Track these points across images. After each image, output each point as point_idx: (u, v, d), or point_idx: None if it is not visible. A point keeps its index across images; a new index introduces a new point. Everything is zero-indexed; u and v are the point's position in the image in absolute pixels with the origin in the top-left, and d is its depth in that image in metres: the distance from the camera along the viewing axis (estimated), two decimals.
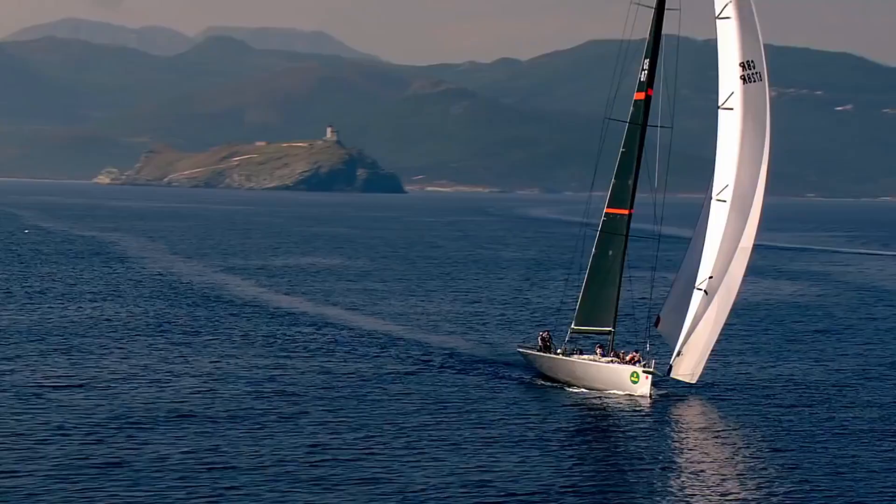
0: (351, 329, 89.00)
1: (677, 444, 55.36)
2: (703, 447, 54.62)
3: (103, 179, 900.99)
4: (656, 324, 71.78)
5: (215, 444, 50.33)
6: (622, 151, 71.98)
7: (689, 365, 67.36)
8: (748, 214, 67.24)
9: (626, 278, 71.47)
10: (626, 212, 71.17)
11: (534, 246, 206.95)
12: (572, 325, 72.27)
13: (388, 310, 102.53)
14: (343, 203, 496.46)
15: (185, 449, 49.10)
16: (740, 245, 67.28)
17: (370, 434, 53.28)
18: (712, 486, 47.37)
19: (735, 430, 58.56)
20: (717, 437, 56.86)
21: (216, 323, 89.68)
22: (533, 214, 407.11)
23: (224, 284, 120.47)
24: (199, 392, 61.77)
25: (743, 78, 66.39)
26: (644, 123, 70.76)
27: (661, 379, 67.62)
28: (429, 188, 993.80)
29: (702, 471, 49.96)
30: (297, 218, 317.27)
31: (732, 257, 67.21)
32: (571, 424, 58.40)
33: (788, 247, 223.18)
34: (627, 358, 68.81)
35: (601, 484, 47.16)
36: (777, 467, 50.93)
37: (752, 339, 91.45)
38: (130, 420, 54.19)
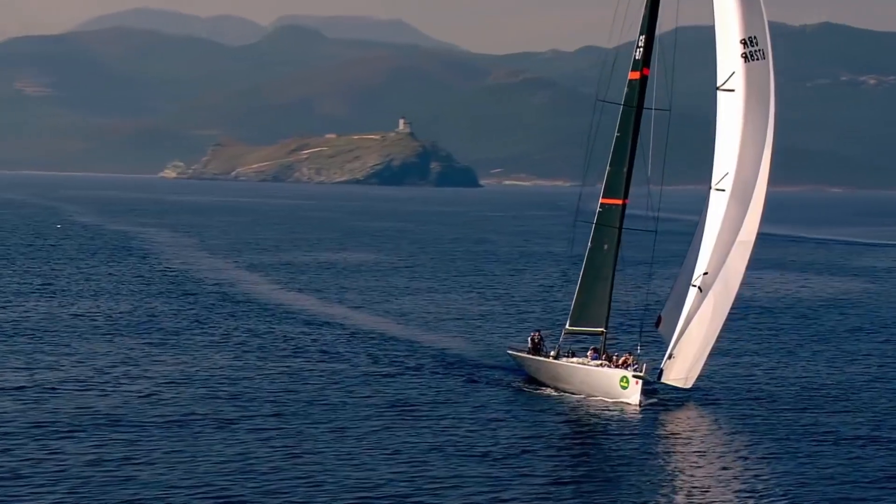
0: (343, 328, 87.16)
1: (663, 461, 52.15)
2: (693, 463, 51.51)
3: (169, 174, 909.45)
4: (657, 324, 68.91)
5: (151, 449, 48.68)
6: (616, 136, 69.43)
7: (682, 369, 64.31)
8: (749, 205, 64.07)
9: (622, 274, 68.76)
10: (619, 202, 68.43)
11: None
12: (566, 326, 69.65)
13: (393, 307, 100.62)
14: (411, 198, 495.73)
15: (117, 455, 47.59)
16: (739, 238, 64.11)
17: (336, 441, 51.84)
18: None
19: (730, 443, 55.43)
20: (708, 451, 53.60)
21: (200, 321, 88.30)
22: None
23: (235, 281, 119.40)
24: (148, 395, 60.07)
25: (745, 56, 63.23)
26: (639, 106, 68.01)
27: (656, 384, 64.69)
28: (506, 182, 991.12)
29: (689, 492, 46.92)
30: (356, 213, 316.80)
31: (731, 251, 64.09)
32: (546, 435, 55.42)
33: (867, 242, 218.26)
34: (620, 361, 65.99)
35: None
36: (777, 488, 47.71)
37: (765, 340, 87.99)
38: (52, 426, 52.55)
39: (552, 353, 68.34)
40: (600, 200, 69.38)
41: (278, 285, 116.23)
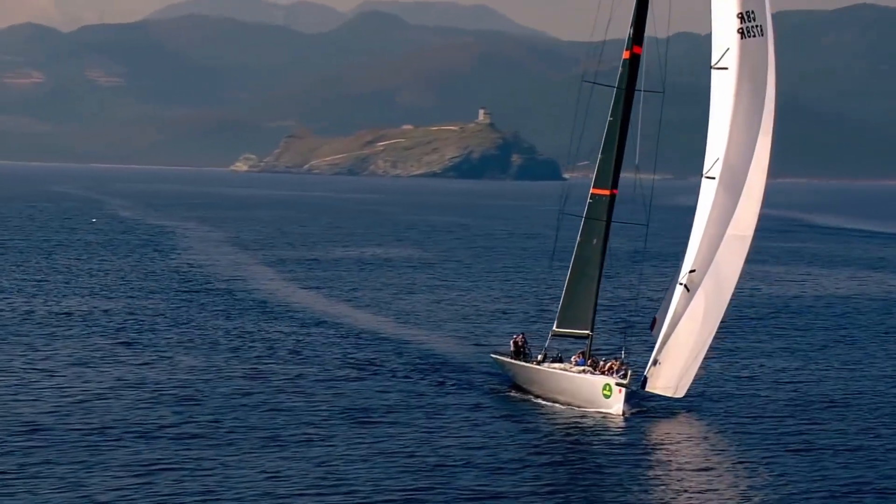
0: (335, 327, 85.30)
1: (644, 479, 48.93)
2: (676, 481, 48.49)
3: (241, 167, 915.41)
4: (652, 326, 65.86)
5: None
6: (609, 121, 66.76)
7: (669, 376, 61.09)
8: (742, 195, 60.76)
9: (613, 272, 65.89)
10: (607, 192, 65.54)
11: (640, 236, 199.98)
12: (553, 328, 66.78)
13: (401, 306, 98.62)
14: (486, 192, 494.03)
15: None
16: (732, 232, 60.80)
17: (299, 448, 50.41)
18: None
19: (718, 459, 52.34)
20: (693, 469, 50.53)
21: (179, 320, 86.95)
22: (676, 202, 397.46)
23: (245, 277, 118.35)
24: (83, 400, 58.39)
25: (741, 32, 60.03)
26: (630, 87, 65.16)
27: (647, 394, 61.61)
28: (592, 175, 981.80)
29: None
30: (418, 206, 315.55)
31: (722, 246, 60.79)
32: (518, 450, 52.39)
33: None
34: (605, 367, 62.97)
35: None
36: None
37: (782, 343, 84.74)
38: None
39: (539, 357, 65.51)
40: (591, 190, 66.64)
41: (288, 282, 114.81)
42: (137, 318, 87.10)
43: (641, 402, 61.61)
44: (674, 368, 61.06)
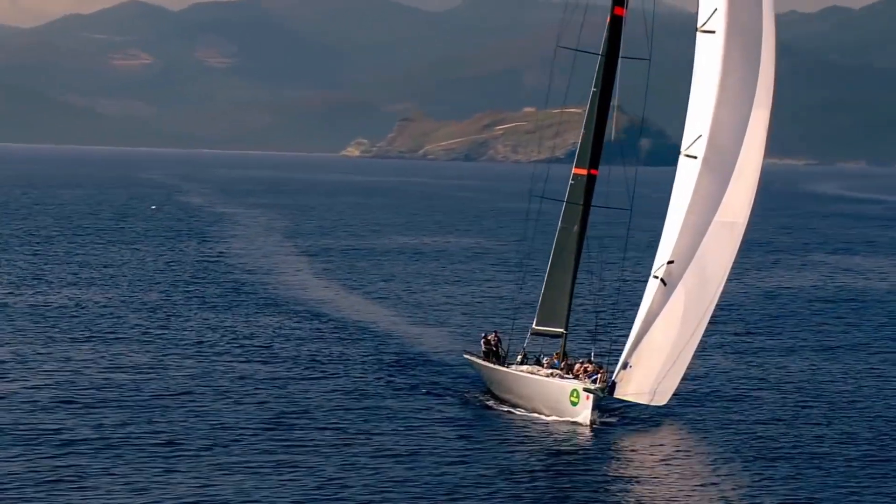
0: (324, 320, 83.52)
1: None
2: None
3: (352, 152, 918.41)
4: None
5: None
6: (592, 91, 63.17)
7: (643, 381, 57.09)
8: (732, 177, 56.60)
9: (591, 263, 62.28)
10: (585, 172, 61.80)
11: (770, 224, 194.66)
12: (533, 325, 63.18)
13: (412, 297, 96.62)
14: (610, 179, 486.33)
15: None
16: (718, 219, 56.72)
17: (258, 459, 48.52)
18: None
19: (699, 476, 48.86)
20: (670, 490, 47.01)
21: (179, 313, 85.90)
22: (817, 190, 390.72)
23: (269, 268, 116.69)
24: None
25: None
26: (611, 54, 61.44)
27: (630, 402, 57.85)
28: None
29: None
30: (509, 194, 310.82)
31: (706, 235, 56.68)
32: (474, 465, 49.13)
33: None
34: (579, 369, 59.12)
35: None
36: None
37: (766, 342, 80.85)
38: None
39: (518, 358, 61.82)
40: (573, 170, 62.95)
41: (310, 274, 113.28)
42: (113, 310, 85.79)
43: (627, 409, 57.98)
44: (648, 373, 57.10)
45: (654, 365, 57.02)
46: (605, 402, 57.55)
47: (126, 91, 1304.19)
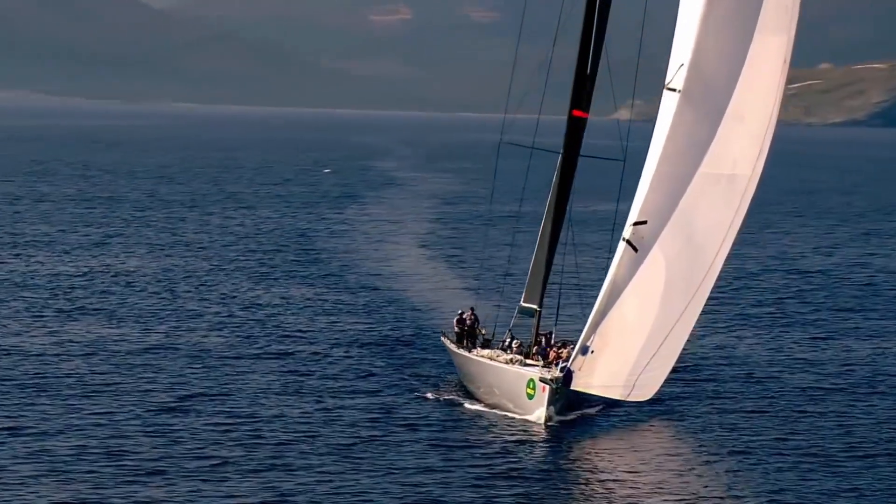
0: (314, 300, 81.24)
1: None
2: None
3: (624, 114, 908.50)
4: None
5: None
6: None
7: (613, 371, 51.31)
8: (722, 117, 50.27)
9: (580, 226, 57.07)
10: (576, 114, 56.31)
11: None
12: (520, 302, 58.00)
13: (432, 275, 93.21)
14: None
15: None
16: (706, 170, 50.38)
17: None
18: None
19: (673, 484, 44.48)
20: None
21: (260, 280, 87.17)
22: None
23: (383, 234, 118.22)
24: None
25: None
26: None
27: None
28: None
29: None
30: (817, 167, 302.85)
31: (688, 189, 50.37)
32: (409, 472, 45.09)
33: None
34: (554, 356, 53.47)
35: None
36: None
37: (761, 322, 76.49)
38: None
39: (505, 340, 56.49)
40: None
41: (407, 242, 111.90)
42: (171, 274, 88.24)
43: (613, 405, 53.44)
44: (619, 360, 51.41)
45: (627, 351, 51.17)
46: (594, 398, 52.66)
47: (382, 50, 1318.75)
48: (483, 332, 57.34)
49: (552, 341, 54.76)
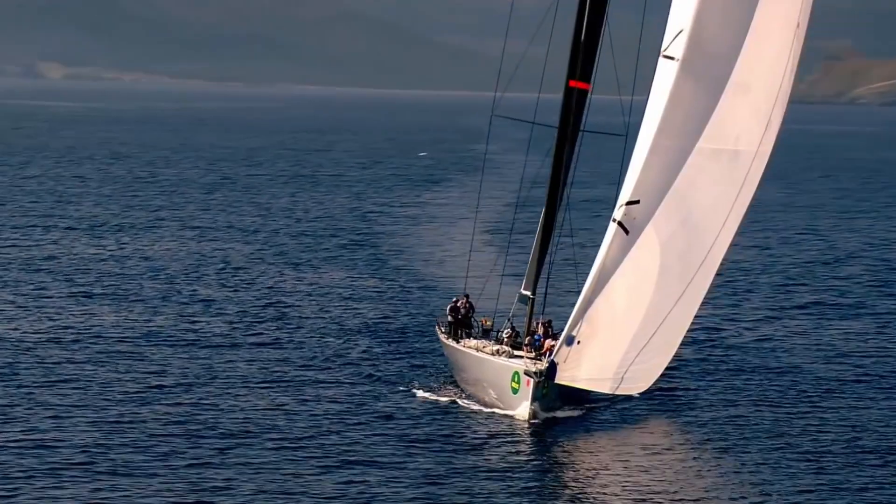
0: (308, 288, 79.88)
1: None
2: None
3: None
4: None
5: None
6: None
7: (601, 363, 49.05)
8: (724, 88, 47.77)
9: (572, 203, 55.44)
10: (575, 84, 54.00)
11: None
12: (521, 289, 55.97)
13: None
14: None
15: None
16: (705, 145, 47.99)
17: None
18: None
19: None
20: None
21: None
22: None
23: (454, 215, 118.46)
24: None
25: None
26: None
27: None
28: None
29: None
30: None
31: (685, 165, 47.93)
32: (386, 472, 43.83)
33: None
34: (548, 347, 51.26)
35: None
36: None
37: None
38: None
39: (505, 331, 54.35)
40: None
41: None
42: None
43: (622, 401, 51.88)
44: (607, 351, 49.19)
45: (616, 341, 48.92)
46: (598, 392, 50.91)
47: (518, 30, 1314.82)
48: (485, 320, 55.41)
49: (551, 331, 52.44)
